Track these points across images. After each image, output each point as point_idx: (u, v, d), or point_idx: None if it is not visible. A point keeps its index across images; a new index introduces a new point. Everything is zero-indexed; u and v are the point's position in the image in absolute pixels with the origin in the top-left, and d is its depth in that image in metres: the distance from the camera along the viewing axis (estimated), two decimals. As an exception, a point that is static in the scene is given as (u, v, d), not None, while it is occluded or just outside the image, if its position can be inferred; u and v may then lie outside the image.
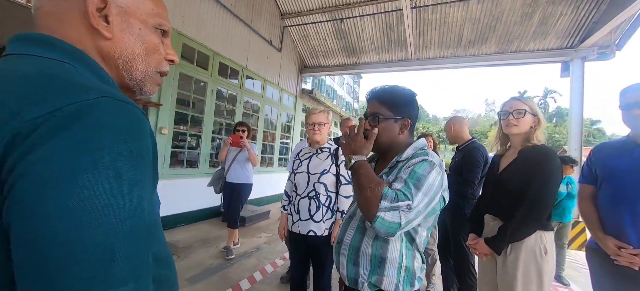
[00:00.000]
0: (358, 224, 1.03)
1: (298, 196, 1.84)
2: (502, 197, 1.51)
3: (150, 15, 0.53)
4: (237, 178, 3.35)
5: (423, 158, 0.90)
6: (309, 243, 1.81)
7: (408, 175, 0.87)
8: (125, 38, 0.50)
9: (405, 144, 1.02)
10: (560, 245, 3.39)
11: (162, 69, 0.57)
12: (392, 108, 1.01)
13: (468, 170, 2.20)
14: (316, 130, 1.85)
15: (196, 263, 3.12)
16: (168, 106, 3.83)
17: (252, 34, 5.47)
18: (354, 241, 1.00)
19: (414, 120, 1.04)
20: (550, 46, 5.29)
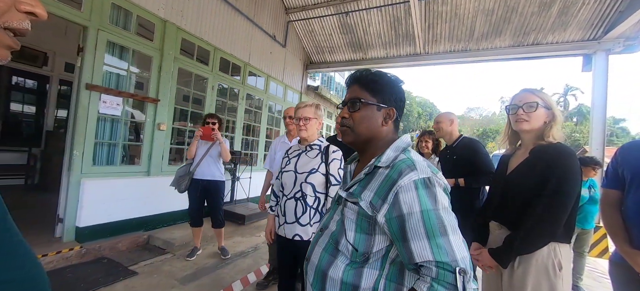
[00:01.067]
0: (327, 241, 0.86)
1: (284, 197, 1.71)
2: (510, 202, 1.32)
3: None
4: (212, 175, 3.09)
5: (414, 180, 0.71)
6: (296, 247, 1.68)
7: (423, 225, 0.67)
8: None
9: (386, 141, 0.86)
10: (579, 253, 3.13)
11: (11, 23, 0.39)
12: (376, 93, 0.85)
13: (481, 160, 2.03)
14: (302, 126, 1.71)
15: (191, 263, 3.05)
16: (167, 102, 3.77)
17: (255, 28, 5.37)
18: (322, 263, 0.83)
19: (400, 112, 0.88)
20: (571, 38, 4.92)
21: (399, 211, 0.70)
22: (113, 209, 3.25)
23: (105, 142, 3.27)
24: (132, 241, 3.33)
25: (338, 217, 0.86)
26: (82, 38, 3.01)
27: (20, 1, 0.39)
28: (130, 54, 3.39)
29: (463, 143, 2.18)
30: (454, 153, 2.16)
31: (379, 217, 0.73)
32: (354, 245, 0.78)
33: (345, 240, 0.80)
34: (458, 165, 2.10)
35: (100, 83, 3.10)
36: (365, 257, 0.77)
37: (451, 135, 2.31)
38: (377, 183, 0.77)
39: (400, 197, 0.71)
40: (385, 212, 0.72)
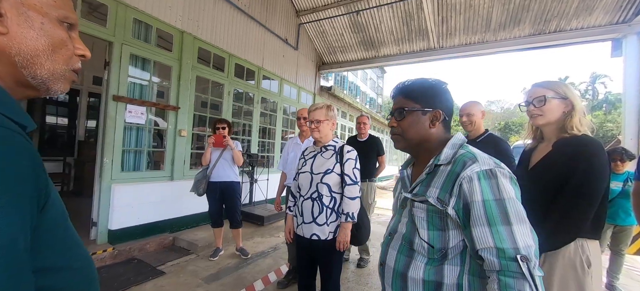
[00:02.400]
0: (401, 244, 0.88)
1: (301, 197, 1.75)
2: (532, 197, 1.29)
3: (53, 7, 0.48)
4: (227, 177, 3.18)
5: (477, 171, 0.74)
6: (314, 247, 1.72)
7: (485, 214, 0.70)
8: (24, 33, 0.45)
9: (440, 141, 0.89)
10: (616, 251, 2.95)
11: (73, 65, 0.53)
12: (418, 99, 0.89)
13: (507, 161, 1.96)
14: (314, 128, 1.74)
15: (214, 263, 3.17)
16: (186, 109, 3.94)
17: (268, 33, 5.48)
18: (399, 265, 0.85)
19: (447, 112, 0.90)
20: (597, 23, 4.64)
21: (464, 201, 0.74)
22: (141, 212, 3.43)
23: (131, 150, 3.47)
24: (159, 242, 3.51)
25: (406, 219, 0.89)
26: (107, 52, 3.21)
27: (76, 47, 0.54)
28: (152, 65, 3.57)
29: (488, 140, 2.05)
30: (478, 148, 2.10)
31: (449, 210, 0.76)
32: (429, 242, 0.80)
33: (420, 239, 0.82)
34: None
35: (126, 95, 3.28)
36: (443, 253, 0.78)
37: (479, 129, 2.13)
38: (441, 179, 0.80)
39: (464, 188, 0.74)
40: (454, 204, 0.76)
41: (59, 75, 0.51)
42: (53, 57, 0.49)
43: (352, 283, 2.91)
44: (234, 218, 3.31)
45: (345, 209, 1.65)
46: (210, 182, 3.18)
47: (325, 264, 1.73)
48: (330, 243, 1.66)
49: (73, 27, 0.53)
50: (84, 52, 0.55)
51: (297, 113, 2.74)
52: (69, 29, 0.51)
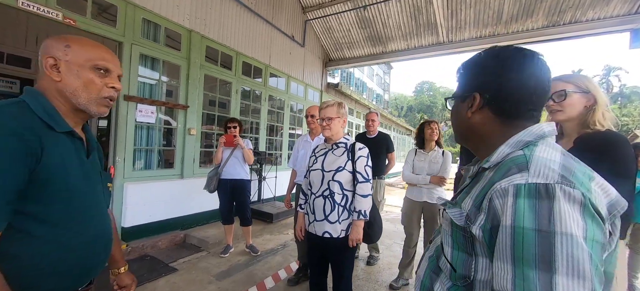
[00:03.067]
0: (432, 254, 0.74)
1: (313, 195, 1.74)
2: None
3: (87, 60, 0.78)
4: (238, 175, 3.24)
5: (516, 184, 0.50)
6: (326, 245, 1.71)
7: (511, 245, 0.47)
8: (68, 79, 0.77)
9: (496, 135, 0.64)
10: (636, 249, 2.86)
11: (104, 94, 0.81)
12: (460, 84, 0.72)
13: None
14: (325, 125, 1.72)
15: (225, 260, 3.20)
16: (195, 108, 3.96)
17: (274, 31, 5.46)
18: (426, 279, 0.72)
19: (497, 93, 0.62)
20: (614, 13, 4.47)
21: (492, 221, 0.53)
22: (152, 210, 3.49)
23: (142, 148, 3.52)
24: (171, 240, 3.56)
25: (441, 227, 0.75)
26: (117, 52, 3.25)
27: (108, 83, 0.82)
28: (161, 64, 3.60)
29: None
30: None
31: (474, 229, 0.56)
32: (451, 263, 0.63)
33: (444, 257, 0.66)
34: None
35: (136, 94, 3.32)
36: (467, 283, 0.60)
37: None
38: (479, 188, 0.61)
39: (494, 203, 0.53)
40: (481, 223, 0.55)
41: (92, 101, 0.80)
42: (87, 91, 0.78)
43: (362, 280, 2.89)
44: (244, 215, 3.33)
45: (357, 207, 1.63)
46: (221, 179, 3.22)
47: (337, 262, 1.72)
48: (342, 241, 1.65)
49: (108, 70, 0.81)
50: (114, 85, 0.82)
51: (306, 111, 2.73)
52: (105, 71, 0.81)
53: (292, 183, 2.92)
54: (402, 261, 2.79)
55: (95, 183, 0.86)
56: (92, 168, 0.86)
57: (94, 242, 0.83)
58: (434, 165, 2.64)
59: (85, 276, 0.84)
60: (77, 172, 0.78)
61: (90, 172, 0.83)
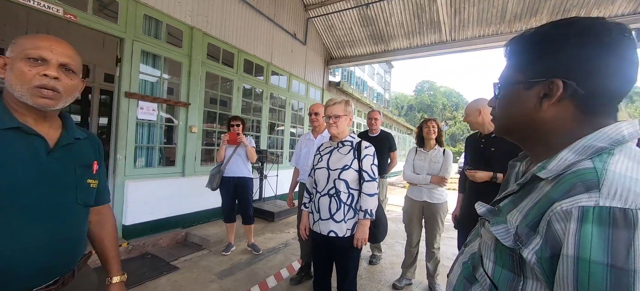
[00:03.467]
0: (466, 262, 0.66)
1: (318, 193, 1.72)
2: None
3: (20, 52, 0.77)
4: (240, 173, 3.22)
5: (582, 206, 0.41)
6: (331, 244, 1.69)
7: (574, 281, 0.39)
8: (8, 74, 0.78)
9: (565, 135, 0.51)
10: None
11: (34, 83, 0.76)
12: (524, 62, 0.55)
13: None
14: (332, 123, 1.70)
15: (226, 258, 3.18)
16: (196, 105, 3.94)
17: (276, 28, 5.43)
18: (459, 287, 0.65)
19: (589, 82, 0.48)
20: (619, 12, 4.44)
21: (552, 248, 0.44)
22: (154, 208, 3.46)
23: (144, 146, 3.49)
24: (172, 238, 3.54)
25: (481, 237, 0.64)
26: (119, 49, 3.22)
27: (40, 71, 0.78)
28: (162, 61, 3.57)
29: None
30: (490, 145, 1.97)
31: (525, 253, 0.47)
32: (492, 279, 0.55)
33: (483, 269, 0.57)
34: (496, 159, 1.94)
35: (138, 91, 3.30)
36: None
37: (484, 125, 2.07)
38: (531, 202, 0.50)
39: (553, 228, 0.43)
40: (537, 247, 0.45)
41: (26, 93, 0.77)
42: (20, 82, 0.76)
43: (365, 280, 2.88)
44: (247, 213, 3.31)
45: (363, 206, 1.61)
46: (224, 177, 3.21)
47: (342, 261, 1.70)
48: (347, 240, 1.63)
49: (44, 59, 0.78)
50: (46, 72, 0.77)
51: (309, 109, 2.70)
52: (40, 60, 0.77)
53: (294, 181, 2.90)
54: (405, 261, 2.77)
55: (58, 182, 0.82)
56: (58, 165, 0.82)
57: (45, 244, 0.78)
58: (435, 165, 2.60)
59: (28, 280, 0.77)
60: (24, 170, 0.75)
61: (51, 170, 0.80)
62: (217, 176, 3.20)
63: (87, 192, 0.90)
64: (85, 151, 0.92)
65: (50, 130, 0.84)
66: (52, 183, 0.80)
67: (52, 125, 0.85)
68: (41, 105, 0.78)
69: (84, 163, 0.89)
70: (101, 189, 0.99)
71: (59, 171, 0.82)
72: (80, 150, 0.90)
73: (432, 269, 2.64)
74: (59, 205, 0.82)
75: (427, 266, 2.66)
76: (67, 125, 0.89)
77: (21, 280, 0.75)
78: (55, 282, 0.82)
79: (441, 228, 2.60)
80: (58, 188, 0.82)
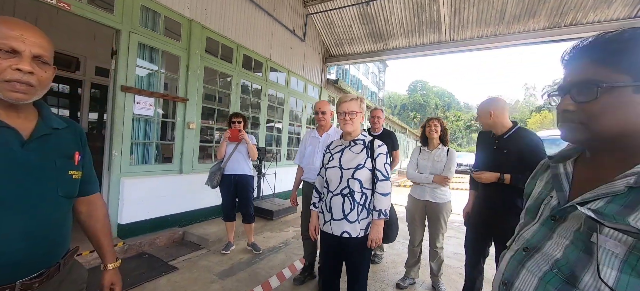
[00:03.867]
0: (549, 272, 0.59)
1: (330, 193, 1.67)
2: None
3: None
4: (242, 170, 3.16)
5: None
6: (343, 244, 1.65)
7: None
8: None
9: None
10: None
11: (5, 77, 0.71)
12: (629, 66, 0.53)
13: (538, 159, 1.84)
14: (347, 120, 1.65)
15: (226, 258, 3.11)
16: (195, 101, 3.83)
17: (275, 24, 5.34)
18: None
19: None
20: (614, 16, 4.53)
21: None
22: (150, 206, 3.36)
23: (140, 142, 3.37)
24: (169, 237, 3.44)
25: (567, 241, 0.59)
26: (115, 41, 3.09)
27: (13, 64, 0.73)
28: (160, 55, 3.45)
29: (518, 135, 1.93)
30: (504, 146, 1.94)
31: None
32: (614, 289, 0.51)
33: (597, 280, 0.53)
34: (509, 161, 1.88)
35: (134, 85, 3.18)
36: None
37: (495, 126, 2.03)
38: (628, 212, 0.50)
39: None
40: None
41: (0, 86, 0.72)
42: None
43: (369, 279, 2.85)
44: (247, 212, 3.25)
45: (377, 206, 1.58)
46: (225, 174, 3.13)
47: (354, 262, 1.66)
48: (361, 241, 1.60)
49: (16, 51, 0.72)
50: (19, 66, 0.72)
51: (315, 106, 2.64)
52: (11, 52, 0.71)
53: (298, 180, 2.84)
54: (408, 261, 2.76)
55: (36, 174, 0.79)
56: (35, 157, 0.79)
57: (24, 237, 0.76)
58: (438, 164, 2.59)
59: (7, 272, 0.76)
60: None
61: (28, 163, 0.77)
62: (217, 173, 3.13)
63: (70, 183, 0.87)
64: (65, 141, 0.88)
65: (24, 121, 0.80)
66: (28, 175, 0.77)
67: (26, 116, 0.81)
68: (13, 99, 0.74)
69: (64, 154, 0.86)
70: (87, 178, 0.96)
71: (36, 163, 0.79)
72: (59, 141, 0.86)
73: (435, 268, 2.63)
74: (38, 197, 0.79)
75: (431, 266, 2.65)
76: (43, 115, 0.84)
77: (1, 272, 0.73)
78: (39, 275, 0.80)
79: (444, 227, 2.60)
80: (36, 180, 0.79)
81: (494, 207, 1.95)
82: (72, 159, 0.88)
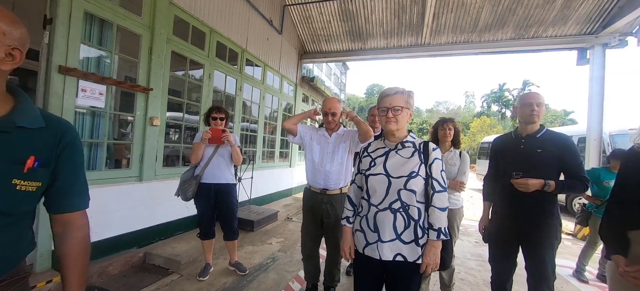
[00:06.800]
0: None
1: (373, 207, 1.34)
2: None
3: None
4: (224, 178, 2.61)
5: None
6: (390, 270, 1.33)
7: None
8: None
9: None
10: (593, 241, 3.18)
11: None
12: None
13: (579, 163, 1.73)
14: (390, 117, 1.34)
15: (206, 284, 2.55)
16: (160, 91, 3.14)
17: (252, 11, 4.79)
18: None
19: None
20: (569, 32, 5.06)
21: None
22: (98, 225, 2.60)
23: (85, 142, 2.60)
24: (125, 261, 2.72)
25: None
26: (49, 6, 2.30)
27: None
28: (114, 31, 2.72)
29: (553, 135, 1.79)
30: (538, 145, 1.77)
31: None
32: None
33: None
34: (544, 162, 1.72)
35: (78, 67, 2.42)
36: None
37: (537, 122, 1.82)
38: None
39: None
40: None
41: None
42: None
43: None
44: (231, 227, 2.72)
45: (435, 223, 1.29)
46: (202, 183, 2.54)
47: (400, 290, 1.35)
48: (416, 266, 1.30)
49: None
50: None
51: (324, 106, 2.24)
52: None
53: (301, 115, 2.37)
54: None
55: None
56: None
57: None
58: (451, 168, 2.45)
59: None
60: None
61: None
62: (192, 182, 2.53)
63: (10, 195, 0.72)
64: (20, 143, 0.74)
65: None
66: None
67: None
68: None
69: (10, 159, 0.72)
70: (64, 191, 0.82)
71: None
72: (11, 142, 0.72)
73: (447, 279, 2.48)
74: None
75: (441, 276, 2.49)
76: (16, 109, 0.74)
77: None
78: None
79: (457, 234, 2.46)
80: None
81: (524, 214, 1.81)
82: (22, 165, 0.73)
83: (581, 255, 3.27)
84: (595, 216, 3.21)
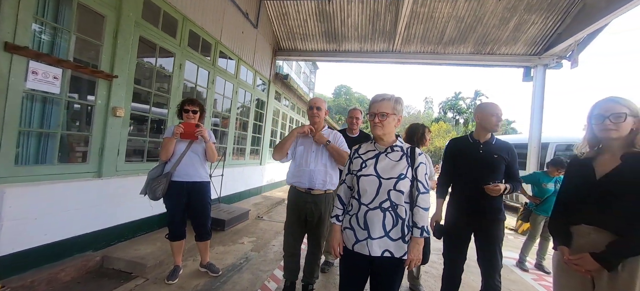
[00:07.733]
0: None
1: (364, 206, 1.41)
2: (609, 207, 1.34)
3: None
4: (198, 176, 2.48)
5: None
6: (376, 265, 1.42)
7: None
8: None
9: None
10: (544, 237, 3.65)
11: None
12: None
13: (516, 167, 2.05)
14: (377, 123, 1.43)
15: (175, 287, 2.41)
16: (125, 79, 2.87)
17: (228, 1, 4.60)
18: None
19: None
20: (518, 51, 5.74)
21: None
22: (49, 226, 2.31)
23: (34, 131, 2.28)
24: (80, 266, 2.45)
25: None
26: (-8, -28, 1.98)
27: None
28: (74, 7, 2.42)
29: (502, 142, 2.04)
30: (494, 151, 1.99)
31: None
32: None
33: None
34: (498, 165, 1.96)
35: (29, 45, 2.11)
36: None
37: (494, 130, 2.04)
38: None
39: None
40: None
41: None
42: None
43: None
44: (204, 227, 2.61)
45: (419, 222, 1.40)
46: (173, 181, 2.40)
47: (389, 285, 1.44)
48: (400, 262, 1.39)
49: None
50: None
51: (310, 102, 2.28)
52: None
53: None
54: None
55: None
56: None
57: None
58: None
59: None
60: None
61: None
62: (162, 180, 2.36)
63: None
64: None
65: None
66: None
67: None
68: None
69: None
70: None
71: None
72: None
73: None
74: None
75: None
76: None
77: None
78: None
79: None
80: None
81: (480, 212, 2.01)
82: None
83: (523, 247, 3.74)
84: (535, 213, 3.70)
